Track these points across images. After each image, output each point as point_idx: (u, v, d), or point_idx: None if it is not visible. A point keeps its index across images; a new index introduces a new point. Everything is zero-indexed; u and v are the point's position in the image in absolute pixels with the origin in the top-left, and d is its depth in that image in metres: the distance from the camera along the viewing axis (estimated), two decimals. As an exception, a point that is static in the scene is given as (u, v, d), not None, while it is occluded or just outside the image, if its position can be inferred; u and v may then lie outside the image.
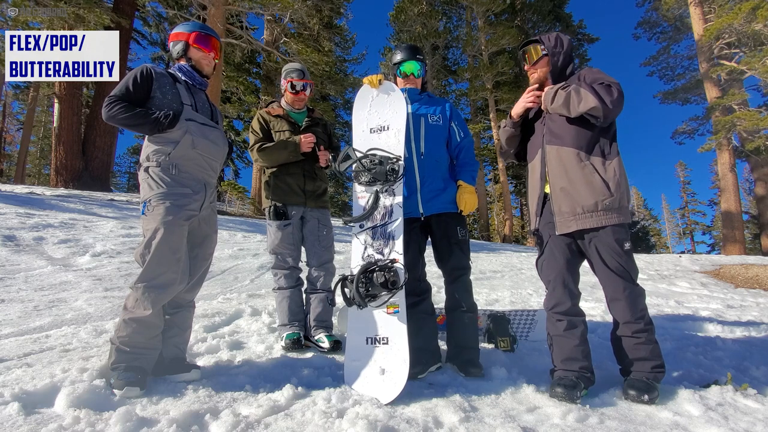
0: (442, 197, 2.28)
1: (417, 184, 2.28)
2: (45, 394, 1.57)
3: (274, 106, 2.80)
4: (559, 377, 1.87)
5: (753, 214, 29.05)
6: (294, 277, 2.65)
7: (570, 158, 1.98)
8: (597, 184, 1.91)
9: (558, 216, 1.99)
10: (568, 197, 1.96)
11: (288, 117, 2.72)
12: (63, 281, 3.60)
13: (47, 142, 27.25)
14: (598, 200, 1.90)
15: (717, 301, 5.14)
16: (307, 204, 2.65)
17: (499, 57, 20.04)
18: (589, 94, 1.87)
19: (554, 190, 2.02)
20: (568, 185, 1.96)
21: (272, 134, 2.69)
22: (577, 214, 1.93)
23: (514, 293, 4.90)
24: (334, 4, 16.42)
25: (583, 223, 1.92)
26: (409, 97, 2.40)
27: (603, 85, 1.91)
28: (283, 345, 2.43)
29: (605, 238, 1.91)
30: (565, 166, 1.98)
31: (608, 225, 1.90)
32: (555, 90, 1.99)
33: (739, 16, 15.21)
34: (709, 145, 17.78)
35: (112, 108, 1.84)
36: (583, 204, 1.92)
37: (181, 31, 2.09)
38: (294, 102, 2.76)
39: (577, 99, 1.90)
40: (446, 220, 2.28)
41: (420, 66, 2.44)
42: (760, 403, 1.77)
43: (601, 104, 1.84)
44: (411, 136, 2.32)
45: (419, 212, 2.26)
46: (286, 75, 2.74)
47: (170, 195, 1.85)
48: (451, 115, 2.42)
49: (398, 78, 2.47)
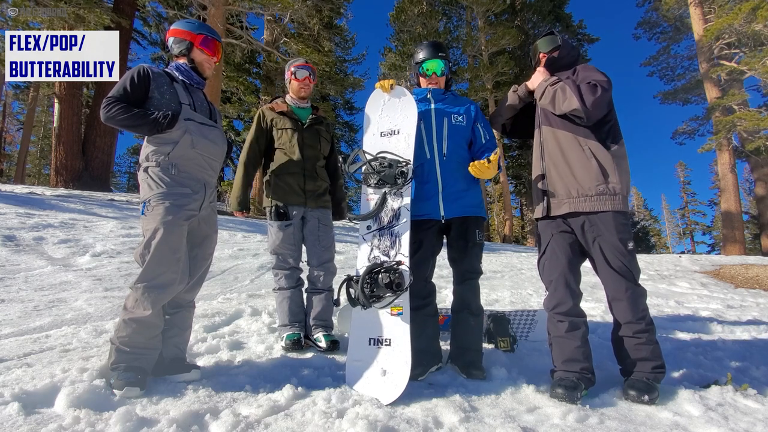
0: (465, 200, 2.22)
1: (439, 186, 2.22)
2: (45, 394, 1.56)
3: (278, 102, 2.77)
4: (560, 378, 1.86)
5: (753, 214, 29.05)
6: (294, 277, 2.64)
7: (567, 140, 1.98)
8: (593, 168, 1.91)
9: (552, 198, 1.99)
10: (562, 179, 1.97)
11: (291, 114, 2.70)
12: (63, 281, 3.60)
13: (47, 142, 27.23)
14: (593, 184, 1.89)
15: (717, 302, 5.14)
16: (308, 204, 2.63)
17: (499, 57, 20.03)
18: (573, 96, 1.89)
19: (549, 172, 2.02)
20: (563, 167, 1.97)
21: (273, 131, 2.68)
22: (572, 197, 1.93)
23: (514, 293, 4.90)
24: (334, 4, 16.40)
25: (576, 206, 1.92)
26: (433, 96, 2.37)
27: (589, 84, 1.92)
28: (283, 345, 2.43)
29: (609, 237, 1.91)
30: (561, 147, 1.99)
31: (602, 210, 1.89)
32: (545, 85, 2.01)
33: (739, 16, 15.21)
34: (709, 146, 17.78)
35: (110, 109, 1.84)
36: (578, 187, 1.92)
37: (187, 30, 2.06)
38: (300, 90, 2.73)
39: (562, 98, 1.92)
40: (466, 223, 2.24)
41: (443, 64, 2.38)
42: (760, 404, 1.77)
43: (582, 106, 1.86)
44: (433, 137, 2.28)
45: (440, 215, 2.19)
46: (289, 65, 2.75)
47: (170, 195, 1.85)
48: (476, 116, 2.36)
49: (421, 77, 2.41)
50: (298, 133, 2.65)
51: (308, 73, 2.73)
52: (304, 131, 2.67)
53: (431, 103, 2.35)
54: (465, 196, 2.23)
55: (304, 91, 2.74)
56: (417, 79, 2.46)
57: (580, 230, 1.99)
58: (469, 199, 2.25)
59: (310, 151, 2.65)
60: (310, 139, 2.67)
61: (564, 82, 1.98)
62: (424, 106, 2.35)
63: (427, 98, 2.37)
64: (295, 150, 2.62)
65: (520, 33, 20.33)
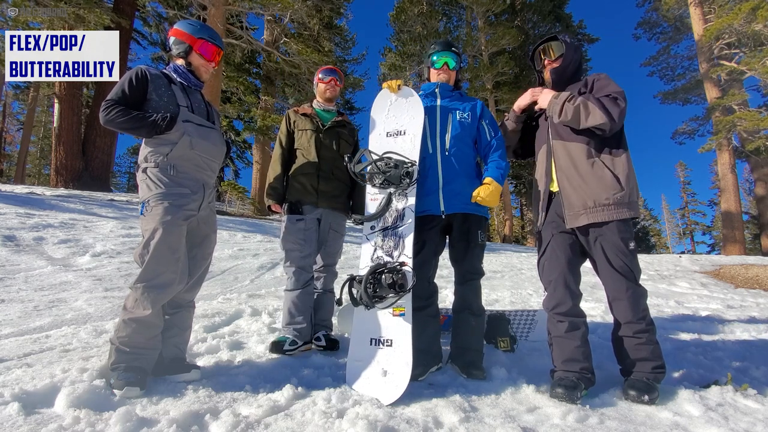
0: (467, 197, 2.20)
1: (439, 182, 2.21)
2: (45, 394, 1.56)
3: (305, 106, 2.82)
4: (560, 378, 1.86)
5: (753, 214, 29.06)
6: (301, 279, 2.53)
7: (578, 153, 1.99)
8: (607, 178, 1.93)
9: (568, 210, 1.98)
10: (576, 192, 1.96)
11: (314, 116, 2.73)
12: (63, 281, 3.60)
13: (47, 142, 27.24)
14: (610, 194, 1.91)
15: (717, 302, 5.14)
16: (319, 204, 2.60)
17: (499, 57, 20.03)
18: (596, 109, 1.90)
19: (563, 185, 2.01)
20: (577, 179, 1.97)
21: (295, 132, 2.72)
22: (588, 208, 1.93)
23: (514, 293, 4.90)
24: (334, 4, 16.41)
25: (594, 216, 1.92)
26: (440, 92, 2.37)
27: (609, 97, 1.93)
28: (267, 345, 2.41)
29: (611, 236, 1.91)
30: (573, 161, 1.99)
31: (619, 219, 1.90)
32: (562, 103, 1.99)
33: (739, 16, 15.21)
34: (709, 146, 17.78)
35: (109, 112, 1.84)
36: (594, 198, 1.92)
37: (187, 33, 2.06)
38: (325, 91, 2.78)
39: (585, 113, 1.92)
40: (468, 222, 2.23)
41: (454, 57, 2.39)
42: (760, 404, 1.77)
43: (609, 120, 1.88)
44: (437, 132, 2.28)
45: (440, 210, 2.19)
46: (318, 70, 2.84)
47: (168, 195, 1.85)
48: (481, 114, 2.36)
49: (432, 70, 2.42)
50: (317, 134, 2.66)
51: (334, 76, 2.80)
52: (323, 133, 2.68)
53: (437, 99, 2.35)
54: (466, 192, 2.22)
55: (330, 92, 2.79)
56: (428, 73, 2.46)
57: (583, 230, 1.99)
58: (471, 197, 2.24)
59: (326, 152, 2.65)
60: (328, 141, 2.67)
61: (584, 97, 1.97)
62: (430, 102, 2.35)
63: (435, 93, 2.37)
64: (312, 151, 2.63)
65: (520, 33, 20.32)
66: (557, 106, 2.00)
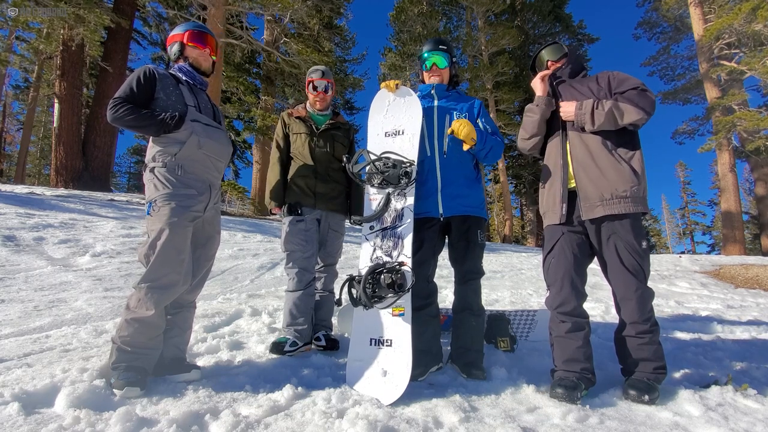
0: (464, 199, 2.21)
1: (438, 185, 2.21)
2: (45, 394, 1.57)
3: (299, 108, 2.81)
4: (560, 378, 1.86)
5: (753, 214, 29.07)
6: (304, 280, 2.52)
7: (596, 145, 1.99)
8: (626, 171, 1.93)
9: (583, 202, 1.98)
10: (593, 183, 1.96)
11: (308, 119, 2.72)
12: (63, 281, 3.60)
13: (47, 142, 27.24)
14: (627, 187, 1.91)
15: (717, 302, 5.14)
16: (317, 206, 2.61)
17: (499, 57, 20.03)
18: (629, 106, 1.92)
19: (578, 176, 2.01)
20: (595, 171, 1.97)
21: (290, 136, 2.71)
22: (605, 200, 1.93)
23: (514, 293, 4.90)
24: (334, 4, 16.41)
25: (611, 208, 1.91)
26: (437, 93, 2.36)
27: (637, 90, 1.95)
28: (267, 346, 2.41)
29: (625, 234, 1.91)
30: (591, 152, 1.99)
31: (635, 212, 1.91)
32: (590, 112, 1.97)
33: (739, 16, 15.20)
34: (709, 146, 17.77)
35: (117, 110, 1.84)
36: (611, 190, 1.92)
37: (175, 33, 2.10)
38: (315, 102, 2.75)
39: (619, 114, 1.93)
40: (468, 223, 2.23)
41: (444, 56, 2.37)
42: (760, 404, 1.77)
43: (645, 113, 1.91)
44: (434, 134, 2.27)
45: (438, 212, 2.19)
46: (308, 75, 2.77)
47: (175, 196, 1.86)
48: (478, 113, 2.34)
49: (424, 72, 2.41)
50: (311, 137, 2.66)
51: (324, 88, 2.74)
52: (318, 136, 2.68)
53: (434, 100, 2.34)
54: (465, 195, 2.22)
55: (320, 104, 2.76)
56: (422, 76, 2.45)
57: (594, 228, 1.98)
58: (470, 199, 2.24)
59: (321, 154, 2.65)
60: (322, 143, 2.67)
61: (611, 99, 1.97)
62: (427, 103, 2.34)
63: (431, 94, 2.36)
64: (306, 154, 2.64)
65: (520, 33, 20.33)
66: (586, 116, 1.99)
